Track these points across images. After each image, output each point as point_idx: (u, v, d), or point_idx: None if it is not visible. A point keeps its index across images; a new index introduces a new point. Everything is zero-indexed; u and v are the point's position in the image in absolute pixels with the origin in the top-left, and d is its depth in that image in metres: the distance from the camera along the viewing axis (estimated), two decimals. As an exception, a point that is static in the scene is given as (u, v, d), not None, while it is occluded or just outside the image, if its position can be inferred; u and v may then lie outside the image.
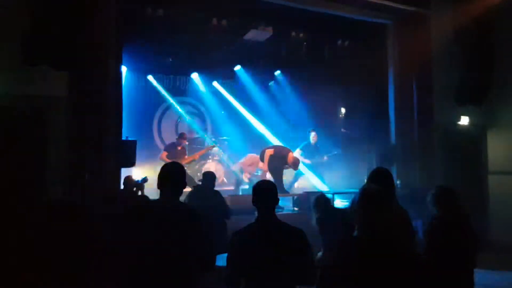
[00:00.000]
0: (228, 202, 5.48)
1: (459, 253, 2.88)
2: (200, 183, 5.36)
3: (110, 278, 3.21)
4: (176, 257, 2.53)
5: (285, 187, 8.09)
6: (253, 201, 2.66)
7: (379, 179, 3.01)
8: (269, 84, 10.98)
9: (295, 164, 7.99)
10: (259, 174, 8.51)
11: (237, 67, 10.34)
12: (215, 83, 10.60)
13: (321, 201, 4.60)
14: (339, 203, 7.37)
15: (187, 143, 8.71)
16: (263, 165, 7.90)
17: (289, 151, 8.05)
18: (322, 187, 8.67)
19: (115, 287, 2.86)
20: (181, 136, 8.21)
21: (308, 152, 8.92)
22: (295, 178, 9.07)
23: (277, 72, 10.68)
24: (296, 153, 8.73)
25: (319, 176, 8.91)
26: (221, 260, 2.64)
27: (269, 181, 2.76)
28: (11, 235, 4.32)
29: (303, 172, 8.89)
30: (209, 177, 5.33)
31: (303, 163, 8.72)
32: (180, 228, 2.58)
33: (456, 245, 2.89)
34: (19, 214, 4.42)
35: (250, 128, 10.56)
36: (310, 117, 10.16)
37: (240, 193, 8.01)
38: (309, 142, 9.02)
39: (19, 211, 4.48)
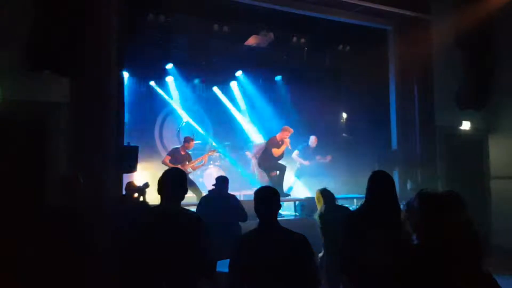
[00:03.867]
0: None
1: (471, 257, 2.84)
2: (213, 187, 5.26)
3: (110, 283, 3.21)
4: (176, 262, 2.52)
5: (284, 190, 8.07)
6: (255, 207, 2.64)
7: (379, 183, 3.00)
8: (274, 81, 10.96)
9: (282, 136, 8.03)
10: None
11: (239, 73, 10.36)
12: (216, 89, 10.61)
13: (326, 194, 4.54)
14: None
15: (192, 147, 8.58)
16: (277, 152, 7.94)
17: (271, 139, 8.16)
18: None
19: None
20: (186, 140, 8.06)
21: (306, 154, 8.99)
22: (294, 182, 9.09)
23: (278, 77, 10.69)
24: (294, 154, 8.85)
25: None
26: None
27: (270, 187, 2.74)
28: (12, 239, 4.32)
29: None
30: (222, 181, 5.18)
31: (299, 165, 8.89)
32: (180, 234, 2.57)
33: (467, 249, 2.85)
34: (20, 219, 4.42)
35: (249, 134, 10.57)
36: (311, 122, 10.16)
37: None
38: (308, 145, 9.07)
39: (19, 216, 4.48)
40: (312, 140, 9.11)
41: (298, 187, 9.31)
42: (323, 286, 4.38)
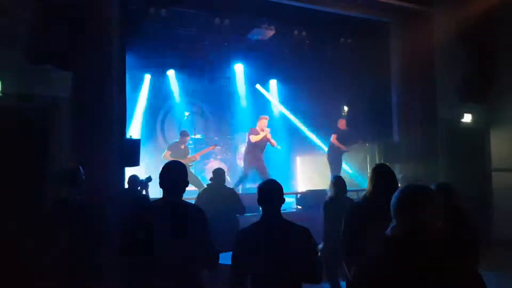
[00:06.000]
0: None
1: (459, 250, 2.85)
2: (211, 181, 5.30)
3: (113, 277, 3.24)
4: (179, 255, 2.54)
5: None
6: (258, 201, 2.65)
7: (381, 175, 3.01)
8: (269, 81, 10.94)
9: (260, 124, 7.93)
10: None
11: (240, 66, 10.34)
12: (218, 82, 10.59)
13: (338, 183, 4.58)
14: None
15: (190, 140, 8.69)
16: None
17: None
18: None
19: (118, 285, 2.88)
20: (183, 134, 8.25)
21: (342, 138, 8.60)
22: None
23: (279, 71, 10.66)
24: (333, 138, 8.54)
25: None
26: (230, 258, 2.64)
27: (274, 181, 2.74)
28: (15, 233, 4.36)
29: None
30: (219, 174, 5.23)
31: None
32: (183, 226, 2.59)
33: (455, 242, 2.86)
34: (23, 214, 4.46)
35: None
36: (312, 115, 10.15)
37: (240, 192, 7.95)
38: (339, 128, 8.70)
39: (23, 210, 4.52)
40: (341, 123, 8.70)
41: (299, 180, 9.31)
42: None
